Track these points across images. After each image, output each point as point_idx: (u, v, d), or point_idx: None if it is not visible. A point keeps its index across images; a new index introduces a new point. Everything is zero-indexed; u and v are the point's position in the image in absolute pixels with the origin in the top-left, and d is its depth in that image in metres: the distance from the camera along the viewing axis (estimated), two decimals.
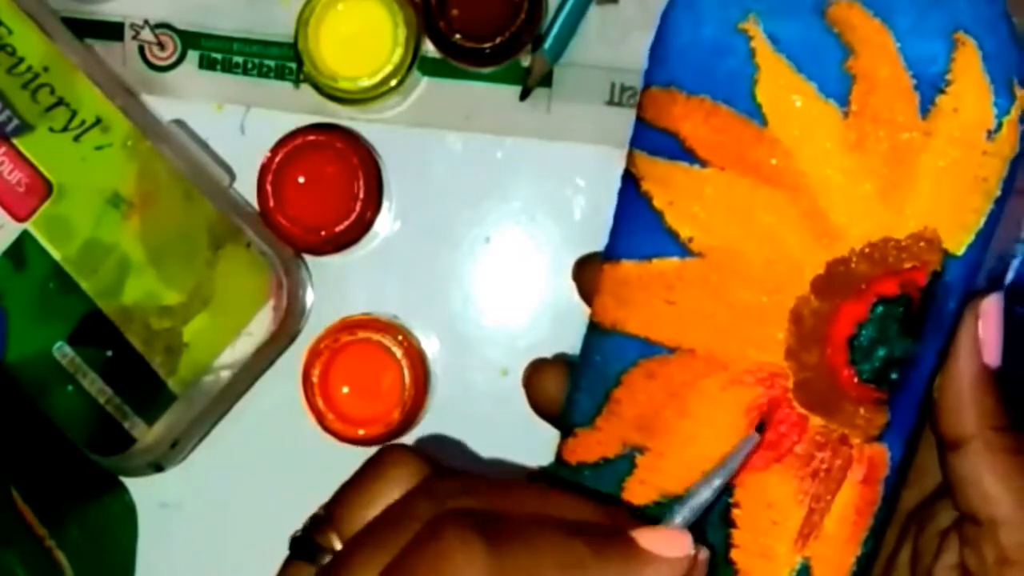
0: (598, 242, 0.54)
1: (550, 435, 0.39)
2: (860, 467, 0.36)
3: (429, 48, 0.53)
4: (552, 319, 0.55)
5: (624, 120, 0.53)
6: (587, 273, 0.39)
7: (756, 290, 0.36)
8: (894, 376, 0.36)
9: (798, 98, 0.36)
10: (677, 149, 0.36)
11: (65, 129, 0.51)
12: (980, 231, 0.35)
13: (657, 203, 0.37)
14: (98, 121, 0.51)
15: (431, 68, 0.54)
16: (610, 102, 0.53)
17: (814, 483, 0.36)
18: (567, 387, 0.39)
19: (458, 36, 0.51)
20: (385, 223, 0.54)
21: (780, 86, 0.36)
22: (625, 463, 0.37)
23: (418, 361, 0.53)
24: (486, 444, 0.55)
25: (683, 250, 0.37)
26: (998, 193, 0.35)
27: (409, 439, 0.54)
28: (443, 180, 0.55)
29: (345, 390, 0.53)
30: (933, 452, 0.37)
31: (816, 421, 0.36)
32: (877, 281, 0.35)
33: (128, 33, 0.55)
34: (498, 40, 0.51)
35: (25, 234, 0.51)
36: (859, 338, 0.36)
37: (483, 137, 0.54)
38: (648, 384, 0.37)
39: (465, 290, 0.55)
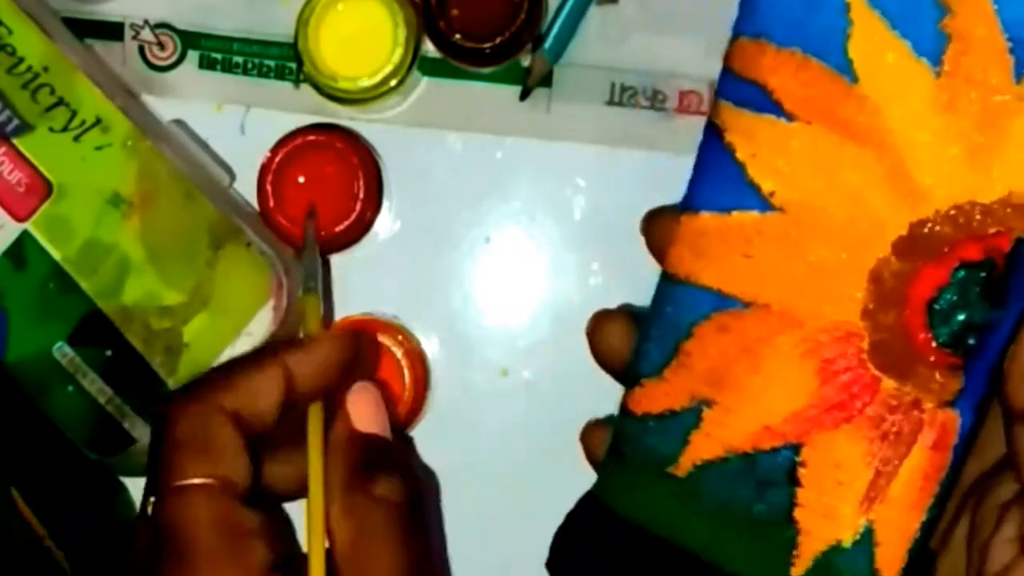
0: (598, 242, 0.54)
1: (550, 435, 0.40)
2: (931, 432, 0.35)
3: (429, 48, 0.53)
4: (552, 319, 0.55)
5: (624, 120, 0.54)
6: (658, 226, 0.39)
7: (836, 248, 0.35)
8: (971, 342, 0.35)
9: (891, 55, 0.35)
10: (764, 101, 0.36)
11: (65, 129, 0.51)
12: None
13: (740, 155, 0.36)
14: (98, 121, 0.51)
15: (431, 68, 0.54)
16: (610, 102, 0.53)
17: (883, 445, 0.36)
18: (635, 338, 0.38)
19: (458, 36, 0.51)
20: (385, 223, 0.54)
21: (873, 42, 0.35)
22: (691, 416, 0.37)
23: (418, 361, 0.53)
24: (486, 444, 0.55)
25: (764, 204, 0.36)
26: None
27: (409, 439, 0.54)
28: (443, 180, 0.55)
29: None
30: (997, 423, 0.37)
31: (889, 383, 0.35)
32: (960, 245, 0.35)
33: (128, 33, 0.55)
34: (498, 40, 0.51)
35: (25, 234, 0.51)
36: (939, 302, 0.35)
37: (483, 137, 0.54)
38: (720, 337, 0.37)
39: (465, 290, 0.55)
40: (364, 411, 0.42)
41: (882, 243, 0.35)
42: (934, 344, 0.35)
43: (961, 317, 0.35)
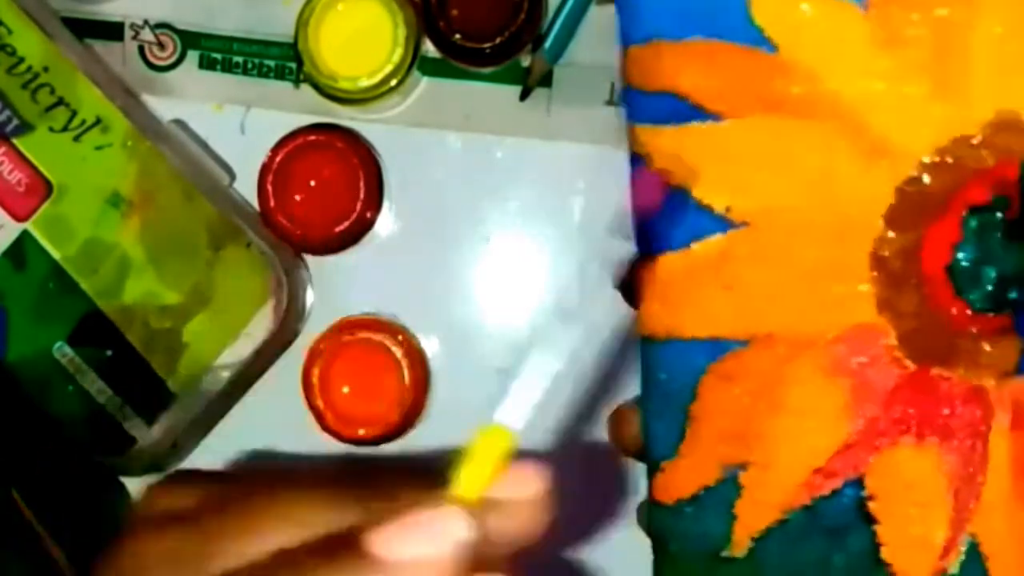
0: (598, 242, 0.54)
1: (550, 434, 0.39)
2: (1004, 412, 0.30)
3: (429, 48, 0.53)
4: (552, 319, 0.55)
5: (624, 120, 0.54)
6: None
7: (822, 244, 0.30)
8: (1013, 295, 0.29)
9: (803, 5, 0.29)
10: (683, 108, 0.30)
11: (65, 129, 0.51)
12: None
13: (676, 179, 0.31)
14: (98, 121, 0.51)
15: (431, 68, 0.54)
16: (610, 102, 0.53)
17: (955, 446, 0.30)
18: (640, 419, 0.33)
19: (458, 36, 0.51)
20: (385, 223, 0.54)
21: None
22: (729, 487, 0.31)
23: (418, 361, 0.53)
24: None
25: (724, 223, 0.31)
26: None
27: (409, 439, 0.54)
28: (443, 180, 0.55)
29: (345, 390, 0.53)
30: None
31: (936, 373, 0.30)
32: (961, 190, 0.29)
33: (128, 33, 0.55)
34: (498, 40, 0.51)
35: (25, 234, 0.51)
36: (959, 262, 0.29)
37: (483, 137, 0.54)
38: (728, 388, 0.31)
39: (465, 290, 0.55)
40: None
41: (871, 221, 0.30)
42: (970, 312, 0.30)
43: (992, 272, 0.29)
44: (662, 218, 0.31)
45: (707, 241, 0.31)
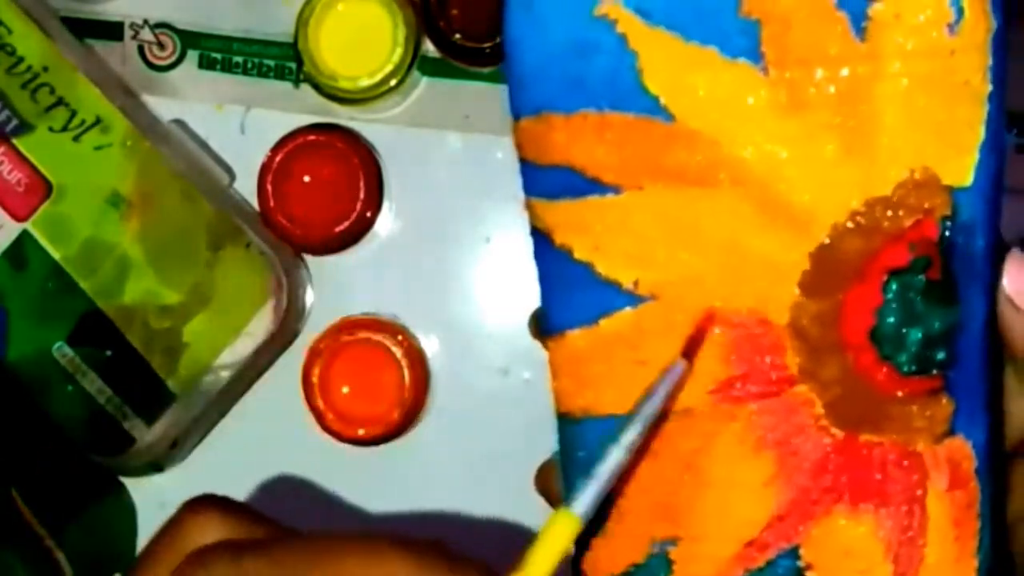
0: None
1: (550, 434, 0.39)
2: (940, 474, 0.29)
3: (429, 48, 0.53)
4: None
5: None
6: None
7: (735, 317, 0.29)
8: (940, 356, 0.29)
9: (698, 72, 0.28)
10: (579, 182, 0.29)
11: (65, 129, 0.51)
12: (983, 143, 0.28)
13: (579, 254, 0.30)
14: (98, 121, 0.51)
15: (431, 68, 0.54)
16: None
17: (891, 511, 0.29)
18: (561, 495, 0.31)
19: (458, 36, 0.51)
20: (385, 223, 0.54)
21: (672, 65, 0.28)
22: (660, 563, 0.30)
23: (418, 361, 0.53)
24: (486, 444, 0.55)
25: (632, 297, 0.29)
26: (989, 88, 0.28)
27: (409, 439, 0.54)
28: (443, 180, 0.55)
29: (345, 390, 0.53)
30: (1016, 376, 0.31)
31: (866, 440, 0.29)
32: (878, 253, 0.28)
33: (128, 33, 0.55)
34: (498, 40, 0.51)
35: (25, 234, 0.51)
36: (881, 327, 0.29)
37: (483, 137, 0.54)
38: (652, 465, 0.30)
39: (465, 290, 0.55)
40: None
41: (785, 290, 0.29)
42: (898, 376, 0.29)
43: (916, 335, 0.29)
44: (567, 294, 0.30)
45: (615, 316, 0.30)
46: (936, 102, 0.28)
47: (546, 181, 0.30)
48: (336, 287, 0.55)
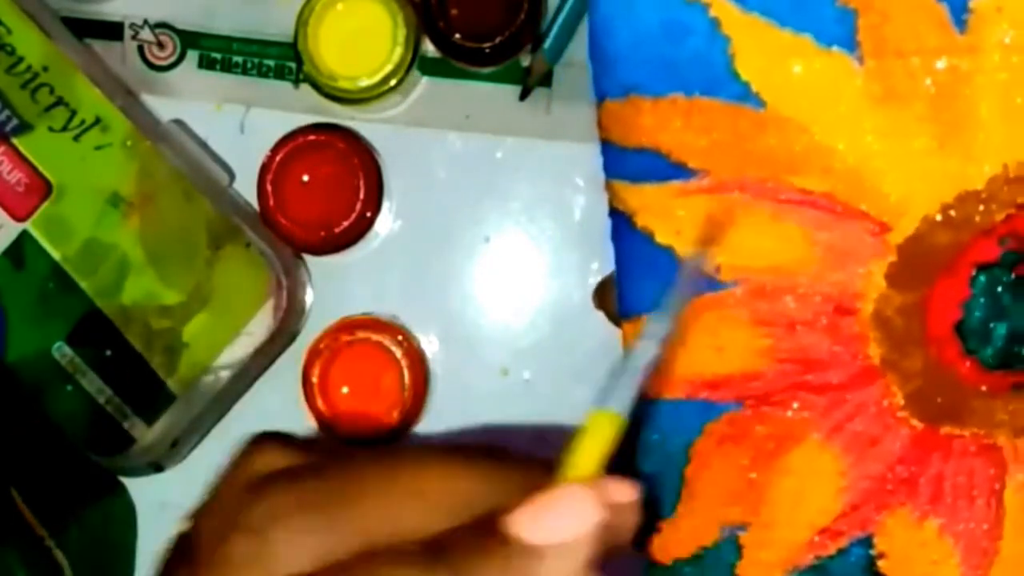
0: (598, 242, 0.54)
1: (550, 434, 0.39)
2: (1019, 467, 0.29)
3: (429, 48, 0.53)
4: (552, 319, 0.55)
5: None
6: (612, 297, 0.33)
7: (817, 306, 0.28)
8: None
9: (793, 59, 0.27)
10: (663, 166, 0.29)
11: (65, 129, 0.51)
12: None
13: (661, 238, 0.30)
14: (98, 121, 0.51)
15: (431, 68, 0.54)
16: None
17: (967, 504, 0.28)
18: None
19: (458, 36, 0.51)
20: (385, 223, 0.54)
21: (765, 52, 0.27)
22: (729, 547, 0.30)
23: (418, 361, 0.53)
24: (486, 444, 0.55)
25: (713, 283, 0.29)
26: None
27: (409, 439, 0.54)
28: (443, 180, 0.55)
29: (345, 390, 0.53)
30: None
31: (947, 432, 0.28)
32: (968, 247, 0.28)
33: (128, 33, 0.55)
34: (498, 40, 0.51)
35: (24, 234, 0.51)
36: (968, 321, 0.28)
37: (483, 137, 0.54)
38: (725, 451, 0.29)
39: (465, 290, 0.55)
40: None
41: (871, 282, 0.28)
42: (981, 370, 0.28)
43: (1002, 330, 0.28)
44: (648, 277, 0.30)
45: (695, 302, 0.29)
46: None
47: (630, 164, 0.30)
48: (336, 287, 0.55)
